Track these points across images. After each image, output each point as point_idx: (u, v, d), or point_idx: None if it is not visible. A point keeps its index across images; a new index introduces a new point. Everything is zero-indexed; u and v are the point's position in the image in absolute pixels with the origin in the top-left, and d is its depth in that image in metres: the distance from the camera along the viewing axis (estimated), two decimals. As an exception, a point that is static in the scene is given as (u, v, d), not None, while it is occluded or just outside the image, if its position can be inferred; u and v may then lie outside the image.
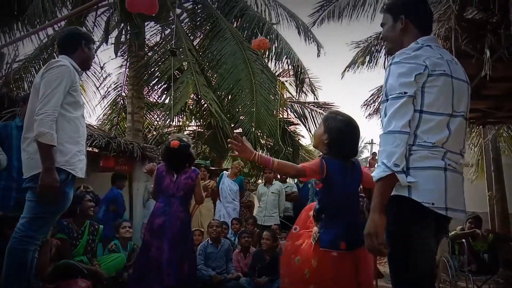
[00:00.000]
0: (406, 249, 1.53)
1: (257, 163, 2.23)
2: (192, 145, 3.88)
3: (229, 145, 2.18)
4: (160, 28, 8.99)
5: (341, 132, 2.23)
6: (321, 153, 2.35)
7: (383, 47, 8.10)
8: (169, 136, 4.05)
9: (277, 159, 2.25)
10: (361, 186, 2.47)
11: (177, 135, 3.88)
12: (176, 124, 10.17)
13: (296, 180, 7.35)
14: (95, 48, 9.10)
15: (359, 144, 2.47)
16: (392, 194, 1.56)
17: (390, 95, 1.56)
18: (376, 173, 1.53)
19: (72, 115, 2.46)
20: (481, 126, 6.15)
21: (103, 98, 10.71)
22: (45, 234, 2.45)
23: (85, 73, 8.53)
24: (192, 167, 3.83)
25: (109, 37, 8.65)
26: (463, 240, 4.73)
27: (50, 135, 2.27)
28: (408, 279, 1.54)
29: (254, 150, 2.20)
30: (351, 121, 2.30)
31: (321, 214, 2.24)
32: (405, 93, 1.53)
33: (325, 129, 2.27)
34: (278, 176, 7.05)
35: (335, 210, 2.20)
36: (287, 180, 7.01)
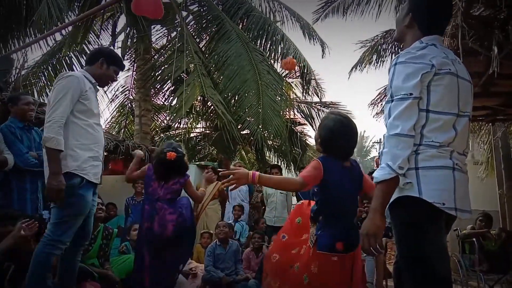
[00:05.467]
0: (423, 250, 1.51)
1: (257, 184, 2.13)
2: (185, 154, 3.77)
3: (223, 185, 2.07)
4: (166, 31, 9.05)
5: (330, 131, 2.19)
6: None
7: (390, 45, 8.07)
8: (163, 142, 3.92)
9: (277, 176, 2.17)
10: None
11: (172, 144, 3.71)
12: (183, 126, 10.20)
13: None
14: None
15: (358, 142, 2.38)
16: (399, 195, 1.55)
17: (396, 95, 1.55)
18: (380, 175, 1.52)
19: (85, 122, 2.54)
20: (490, 124, 6.09)
21: (111, 102, 10.82)
22: (70, 238, 2.51)
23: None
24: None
25: (116, 41, 8.73)
26: (474, 239, 4.68)
27: (56, 140, 2.36)
28: (427, 280, 1.51)
29: (262, 151, 2.17)
30: (341, 119, 2.23)
31: (318, 215, 2.18)
32: (411, 94, 1.52)
33: (319, 131, 2.27)
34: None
35: (333, 211, 2.15)
36: None
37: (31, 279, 2.39)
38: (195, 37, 9.15)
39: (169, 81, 8.12)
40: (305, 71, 9.25)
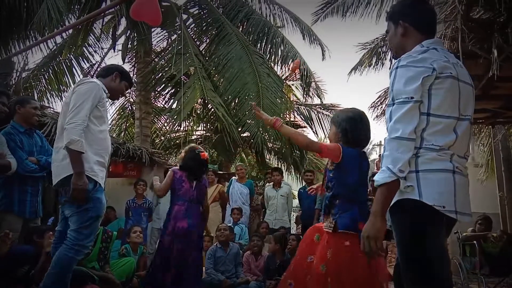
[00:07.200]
0: (423, 253, 1.51)
1: (272, 125, 2.44)
2: None
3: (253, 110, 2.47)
4: (166, 33, 9.06)
5: (351, 120, 2.34)
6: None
7: (389, 46, 8.05)
8: (187, 146, 4.23)
9: (295, 130, 2.39)
10: (370, 188, 2.52)
11: (195, 146, 4.13)
12: (184, 129, 10.22)
13: (304, 186, 7.33)
14: (104, 55, 9.20)
15: (370, 139, 2.58)
16: (399, 198, 1.55)
17: (397, 99, 1.55)
18: (380, 178, 1.52)
19: (97, 128, 2.64)
20: (490, 126, 6.10)
21: (111, 104, 10.79)
22: (92, 242, 2.63)
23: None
24: None
25: (116, 44, 8.75)
26: (474, 242, 4.67)
27: (81, 143, 2.46)
28: (427, 283, 1.51)
29: (262, 154, 2.26)
30: (357, 110, 2.43)
31: (335, 200, 2.28)
32: (412, 98, 1.52)
33: (336, 125, 2.38)
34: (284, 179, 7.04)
35: (349, 194, 2.26)
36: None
37: (49, 279, 2.46)
38: (196, 39, 9.17)
39: (170, 84, 8.13)
40: (305, 73, 9.27)
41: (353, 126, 2.33)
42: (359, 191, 2.29)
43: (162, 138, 10.73)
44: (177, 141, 10.78)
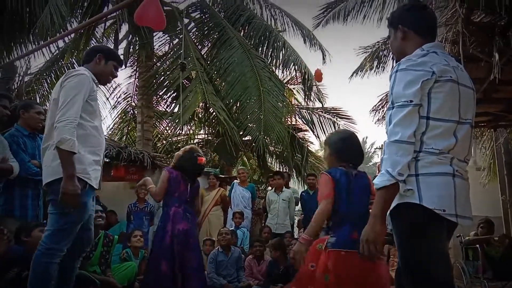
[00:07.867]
0: (424, 257, 1.51)
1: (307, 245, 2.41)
2: None
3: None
4: (168, 38, 9.10)
5: (342, 140, 2.52)
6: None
7: (391, 51, 8.06)
8: (187, 146, 4.10)
9: (314, 220, 2.35)
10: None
11: (198, 150, 4.01)
12: (185, 132, 10.24)
13: (306, 187, 7.34)
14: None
15: (365, 152, 2.70)
16: (399, 202, 1.55)
17: (396, 103, 1.56)
18: (379, 181, 1.52)
19: (90, 124, 2.45)
20: (492, 130, 6.09)
21: (113, 108, 10.88)
22: (69, 245, 2.40)
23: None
24: None
25: (118, 48, 8.78)
26: (477, 246, 4.65)
27: (72, 142, 2.24)
28: (428, 286, 1.51)
29: (263, 157, 2.26)
30: (347, 131, 2.70)
31: (329, 221, 2.37)
32: (411, 101, 1.52)
33: (329, 146, 2.55)
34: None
35: (342, 214, 2.32)
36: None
37: None
38: (197, 44, 9.19)
39: (171, 88, 8.15)
40: (306, 77, 9.28)
41: (344, 146, 2.49)
42: (353, 211, 2.31)
43: (164, 142, 10.74)
44: (178, 145, 10.79)
